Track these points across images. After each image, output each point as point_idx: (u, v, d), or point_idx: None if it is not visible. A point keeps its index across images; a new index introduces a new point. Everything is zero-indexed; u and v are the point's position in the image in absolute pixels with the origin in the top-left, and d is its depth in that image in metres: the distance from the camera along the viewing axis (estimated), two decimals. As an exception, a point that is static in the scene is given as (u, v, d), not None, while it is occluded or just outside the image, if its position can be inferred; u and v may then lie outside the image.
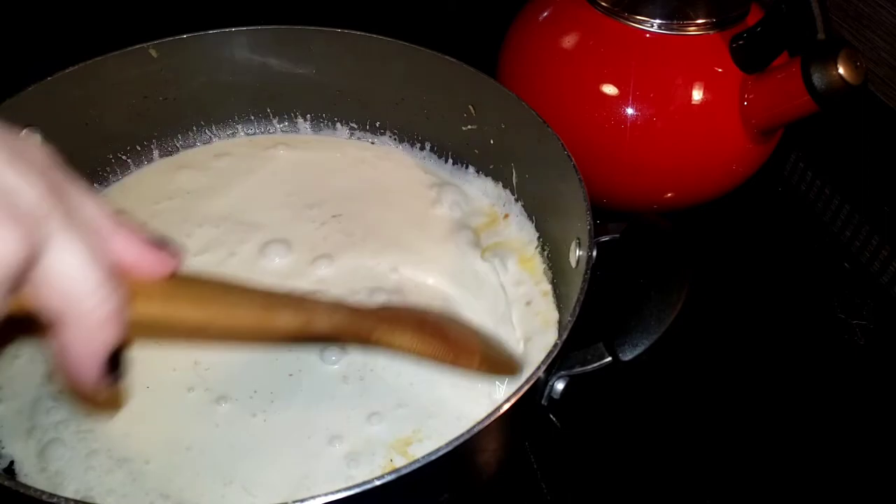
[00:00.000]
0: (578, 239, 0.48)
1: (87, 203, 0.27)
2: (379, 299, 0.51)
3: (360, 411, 0.46)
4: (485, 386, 0.47)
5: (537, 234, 0.57)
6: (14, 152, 0.25)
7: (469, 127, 0.61)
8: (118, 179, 0.61)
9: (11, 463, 0.44)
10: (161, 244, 0.30)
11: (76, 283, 0.25)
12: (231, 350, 0.48)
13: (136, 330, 0.28)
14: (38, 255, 0.24)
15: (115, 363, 0.28)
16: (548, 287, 0.54)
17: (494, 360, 0.46)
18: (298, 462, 0.44)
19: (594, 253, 0.44)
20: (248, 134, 0.66)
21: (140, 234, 0.29)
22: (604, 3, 0.60)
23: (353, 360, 0.49)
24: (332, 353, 0.49)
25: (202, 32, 0.59)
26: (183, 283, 0.31)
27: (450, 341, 0.43)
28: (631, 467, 0.53)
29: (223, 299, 0.33)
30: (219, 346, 0.48)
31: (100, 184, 0.60)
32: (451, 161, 0.63)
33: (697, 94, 0.59)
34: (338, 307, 0.39)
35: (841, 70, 0.52)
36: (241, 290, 0.34)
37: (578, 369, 0.43)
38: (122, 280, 0.27)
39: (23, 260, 0.24)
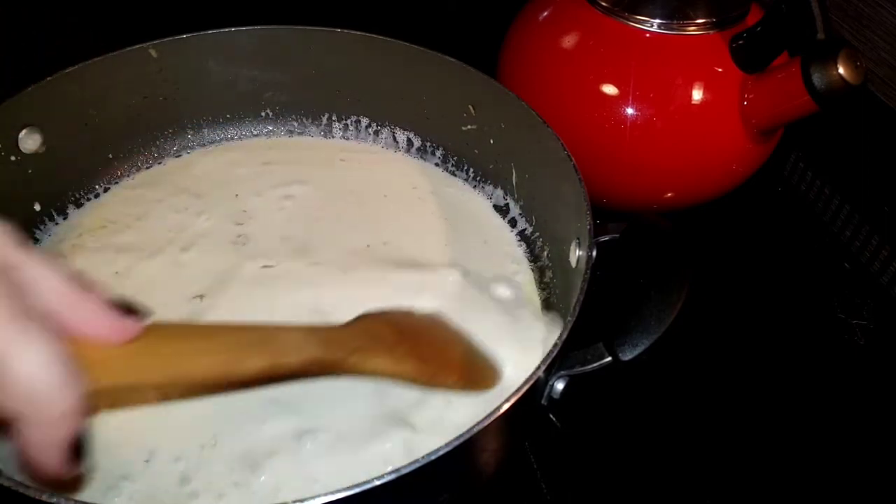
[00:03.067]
0: (578, 239, 0.48)
1: (44, 279, 0.27)
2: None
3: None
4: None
5: (537, 234, 0.57)
6: None
7: (469, 127, 0.61)
8: (118, 181, 0.61)
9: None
10: (123, 307, 0.29)
11: (37, 385, 0.25)
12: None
13: (99, 401, 0.28)
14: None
15: (77, 448, 0.28)
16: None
17: (472, 377, 0.44)
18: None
19: (594, 253, 0.44)
20: (247, 134, 0.66)
21: (101, 300, 0.28)
22: (604, 3, 0.60)
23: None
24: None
25: (202, 32, 0.59)
26: (143, 343, 0.30)
27: (427, 357, 0.41)
28: (631, 467, 0.53)
29: (185, 350, 0.32)
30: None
31: (101, 184, 0.60)
32: (450, 161, 0.63)
33: (697, 94, 0.59)
34: (308, 334, 0.37)
35: (841, 70, 0.52)
36: (200, 334, 0.33)
37: (578, 369, 0.43)
38: (85, 349, 0.27)
39: None
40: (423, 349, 0.42)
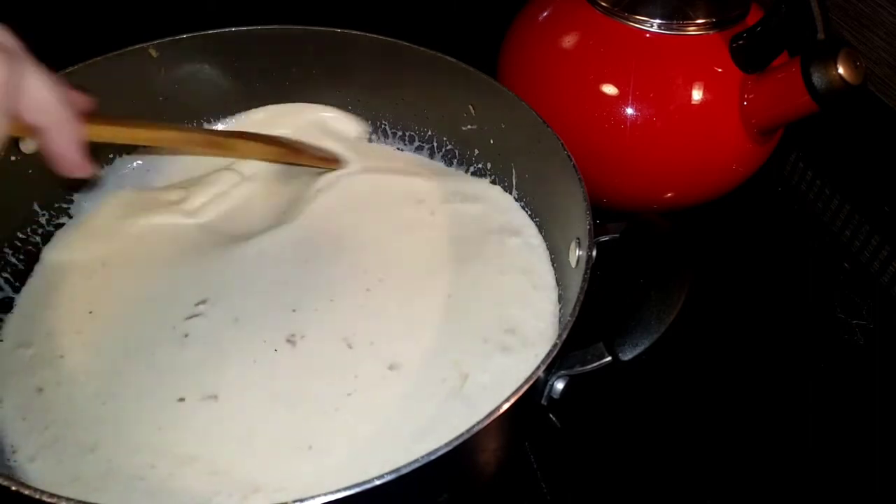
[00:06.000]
0: (578, 239, 0.48)
1: (39, 90, 0.38)
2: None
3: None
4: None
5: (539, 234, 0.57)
6: None
7: (469, 127, 0.61)
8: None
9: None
10: (80, 89, 0.43)
11: (49, 101, 0.38)
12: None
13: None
14: (20, 85, 0.36)
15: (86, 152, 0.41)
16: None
17: (320, 157, 0.62)
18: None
19: (594, 253, 0.44)
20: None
21: (78, 129, 0.40)
22: (604, 3, 0.60)
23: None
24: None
25: (202, 32, 0.59)
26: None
27: (288, 147, 0.61)
28: (631, 467, 0.53)
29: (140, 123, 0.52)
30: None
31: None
32: (450, 161, 0.63)
33: (697, 94, 0.59)
34: (203, 130, 0.61)
35: (841, 70, 0.52)
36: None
37: (578, 369, 0.43)
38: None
39: (7, 84, 0.35)
40: (283, 145, 0.61)
